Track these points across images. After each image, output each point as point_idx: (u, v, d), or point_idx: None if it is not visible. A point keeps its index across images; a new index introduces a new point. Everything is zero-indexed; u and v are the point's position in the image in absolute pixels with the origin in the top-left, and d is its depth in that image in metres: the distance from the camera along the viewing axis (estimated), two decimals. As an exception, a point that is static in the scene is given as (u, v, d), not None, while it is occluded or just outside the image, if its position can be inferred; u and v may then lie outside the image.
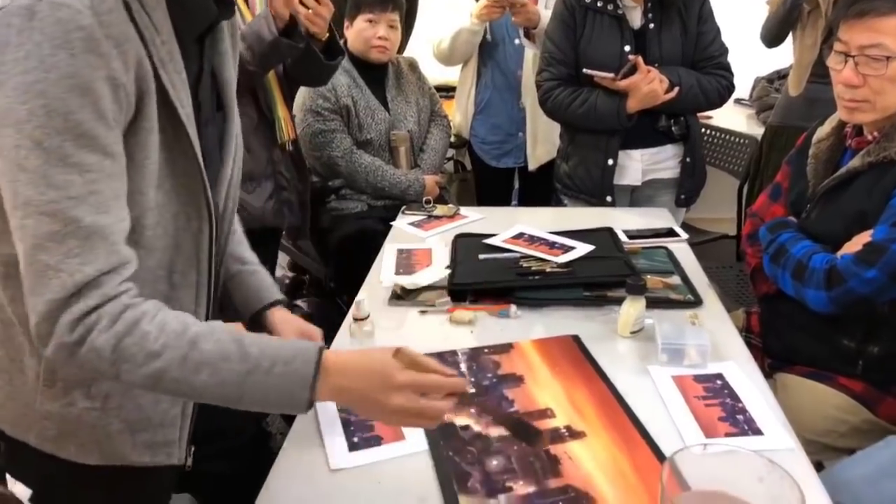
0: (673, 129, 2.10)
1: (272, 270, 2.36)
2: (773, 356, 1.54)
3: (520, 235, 1.82)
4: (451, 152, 3.14)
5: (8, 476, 1.04)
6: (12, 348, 0.88)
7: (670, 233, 1.89)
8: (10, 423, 0.92)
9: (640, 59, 1.96)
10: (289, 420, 1.21)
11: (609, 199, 2.14)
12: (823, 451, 1.39)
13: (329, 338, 1.36)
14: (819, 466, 1.29)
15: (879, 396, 1.39)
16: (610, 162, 2.11)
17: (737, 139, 3.01)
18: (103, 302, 0.76)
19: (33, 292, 0.75)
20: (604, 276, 1.56)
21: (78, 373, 0.87)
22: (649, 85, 1.95)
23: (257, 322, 1.23)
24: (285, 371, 0.80)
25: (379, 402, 0.82)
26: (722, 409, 1.14)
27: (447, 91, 3.20)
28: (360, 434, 1.11)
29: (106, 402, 0.89)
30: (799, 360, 1.48)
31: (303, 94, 2.34)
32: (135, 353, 0.76)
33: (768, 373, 1.49)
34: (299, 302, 2.49)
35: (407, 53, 2.86)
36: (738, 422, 1.11)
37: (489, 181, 2.93)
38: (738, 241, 2.69)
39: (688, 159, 2.16)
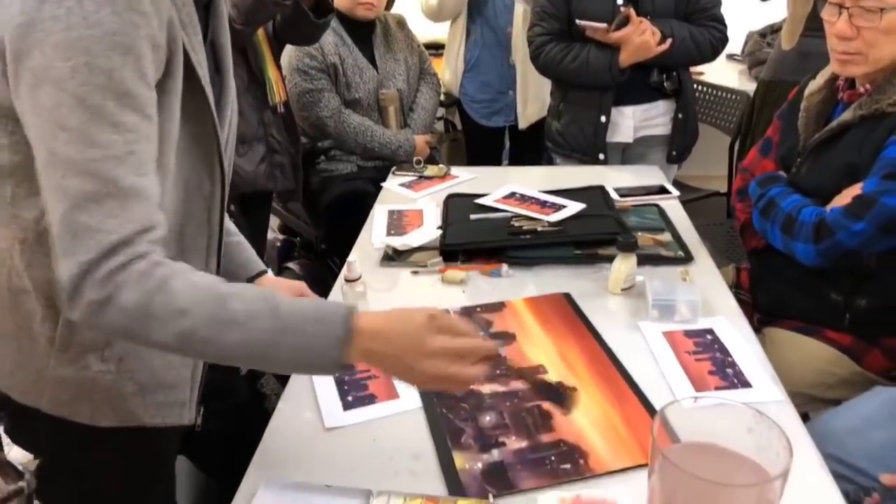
0: (665, 84, 2.08)
1: (264, 234, 2.35)
2: (762, 311, 1.56)
3: (511, 195, 1.82)
4: (440, 111, 3.11)
5: (4, 442, 1.05)
6: (20, 316, 0.87)
7: (662, 190, 1.89)
8: (20, 390, 0.91)
9: (632, 11, 1.93)
10: (283, 380, 1.22)
11: (602, 156, 2.13)
12: (810, 403, 1.42)
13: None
14: (805, 417, 1.32)
15: (866, 349, 1.41)
16: (603, 119, 2.09)
17: (728, 95, 2.99)
18: (133, 259, 0.74)
19: (67, 253, 0.73)
20: (595, 234, 1.56)
21: (104, 335, 0.86)
22: (641, 36, 1.93)
23: None
24: (316, 330, 0.78)
25: (412, 368, 0.81)
26: (712, 363, 1.16)
27: (436, 48, 3.15)
28: (354, 393, 1.12)
29: (120, 364, 0.89)
30: (787, 314, 1.50)
31: (288, 52, 2.30)
32: (163, 310, 0.75)
33: (757, 327, 1.51)
34: (291, 264, 2.49)
35: (394, 10, 2.80)
36: (728, 375, 1.12)
37: (480, 140, 2.91)
38: (728, 197, 2.69)
39: (679, 115, 2.15)
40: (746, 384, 1.10)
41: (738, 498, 0.67)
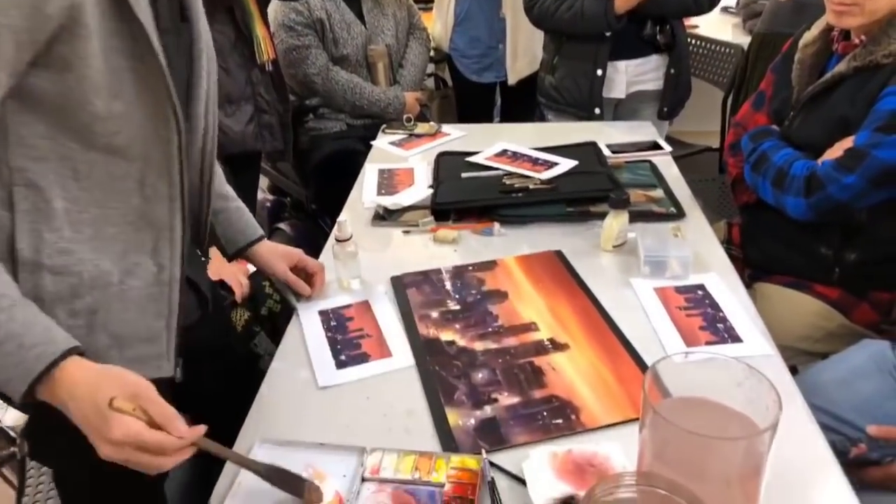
0: (658, 37, 2.05)
1: (254, 195, 2.33)
2: (753, 266, 1.56)
3: (503, 152, 1.80)
4: (430, 67, 3.06)
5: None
6: None
7: (654, 146, 1.88)
8: None
9: None
10: (276, 341, 1.23)
11: (598, 111, 2.10)
12: (799, 356, 1.44)
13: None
14: (794, 370, 1.33)
15: (855, 302, 1.42)
16: (599, 72, 2.06)
17: (722, 49, 2.95)
18: None
19: None
20: (587, 191, 1.56)
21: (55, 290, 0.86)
22: None
23: (243, 257, 1.26)
24: (14, 354, 0.75)
25: (95, 441, 0.75)
26: (703, 318, 1.16)
27: (425, 2, 3.08)
28: (347, 352, 1.12)
29: (91, 318, 0.88)
30: (778, 269, 1.50)
31: (274, 8, 2.24)
32: None
33: (748, 283, 1.51)
34: (281, 225, 2.47)
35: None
36: (719, 330, 1.13)
37: (470, 97, 2.88)
38: (721, 153, 2.68)
39: (672, 71, 2.12)
40: (737, 339, 1.11)
41: (728, 451, 0.68)
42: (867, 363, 1.19)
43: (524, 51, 2.65)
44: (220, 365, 1.24)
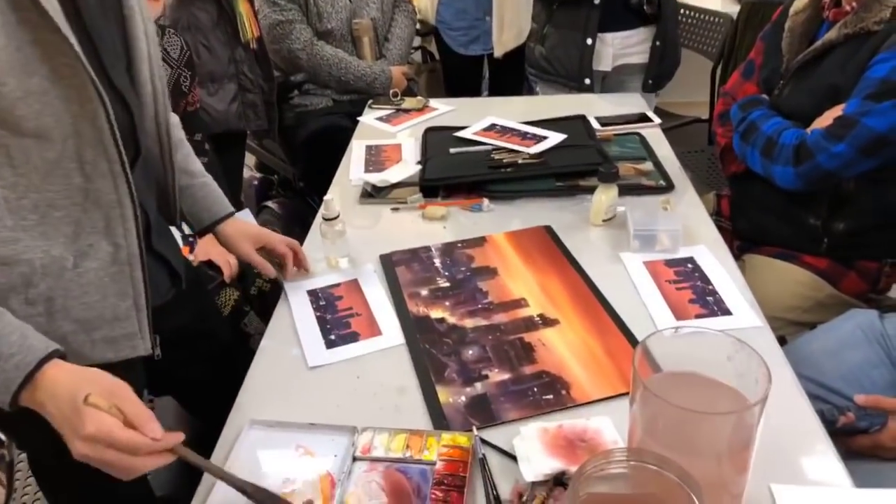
0: (645, 7, 2.02)
1: (239, 174, 2.31)
2: (741, 238, 1.56)
3: (491, 127, 1.78)
4: (417, 41, 3.02)
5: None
6: None
7: (643, 118, 1.86)
8: None
9: None
10: (266, 319, 1.22)
11: (588, 81, 2.08)
12: (787, 327, 1.44)
13: (301, 239, 1.34)
14: (783, 341, 1.34)
15: (843, 272, 1.42)
16: (589, 41, 2.04)
17: (711, 18, 2.92)
18: None
19: None
20: (576, 165, 1.54)
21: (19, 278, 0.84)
22: None
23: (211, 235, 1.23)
24: None
25: (69, 440, 0.75)
26: (692, 291, 1.16)
27: (410, -26, 3.03)
28: (336, 331, 1.12)
29: (49, 305, 0.87)
30: (766, 240, 1.50)
31: (256, -18, 2.19)
32: None
33: (737, 254, 1.52)
34: (269, 203, 2.45)
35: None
36: (708, 303, 1.13)
37: (458, 70, 2.85)
38: (710, 124, 2.67)
39: (657, 43, 2.10)
40: (727, 312, 1.11)
41: (718, 425, 0.68)
42: (855, 332, 1.19)
43: (511, 23, 2.61)
44: (203, 348, 1.23)
